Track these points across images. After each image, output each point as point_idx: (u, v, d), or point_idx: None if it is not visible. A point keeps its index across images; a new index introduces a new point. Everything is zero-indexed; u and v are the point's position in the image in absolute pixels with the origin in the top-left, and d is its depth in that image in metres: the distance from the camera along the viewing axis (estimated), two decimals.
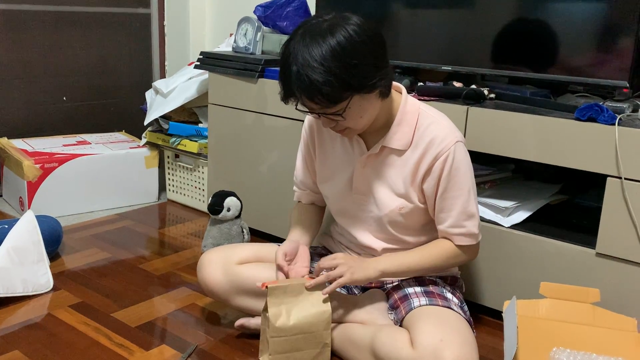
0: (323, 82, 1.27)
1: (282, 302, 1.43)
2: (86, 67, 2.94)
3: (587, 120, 1.54)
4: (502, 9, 1.81)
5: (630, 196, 1.49)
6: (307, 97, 1.31)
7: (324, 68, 1.27)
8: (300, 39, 1.30)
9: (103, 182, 2.59)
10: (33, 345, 1.58)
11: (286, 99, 1.36)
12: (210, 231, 2.12)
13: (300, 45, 1.29)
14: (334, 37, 1.28)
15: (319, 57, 1.27)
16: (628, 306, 1.51)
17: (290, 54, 1.31)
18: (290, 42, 1.33)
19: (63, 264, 2.07)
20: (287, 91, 1.34)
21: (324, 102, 1.31)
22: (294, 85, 1.30)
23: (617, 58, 1.62)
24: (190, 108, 2.65)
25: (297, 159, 1.68)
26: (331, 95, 1.29)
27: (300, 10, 2.36)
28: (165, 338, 1.65)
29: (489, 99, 1.82)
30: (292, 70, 1.30)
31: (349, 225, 1.60)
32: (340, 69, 1.28)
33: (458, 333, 1.35)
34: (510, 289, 1.71)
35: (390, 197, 1.50)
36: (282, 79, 1.34)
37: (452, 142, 1.43)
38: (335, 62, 1.27)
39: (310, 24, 1.33)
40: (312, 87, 1.28)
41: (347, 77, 1.28)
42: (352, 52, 1.29)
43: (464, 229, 1.48)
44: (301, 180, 1.68)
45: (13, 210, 2.57)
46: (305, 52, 1.28)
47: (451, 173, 1.43)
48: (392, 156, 1.48)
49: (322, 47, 1.27)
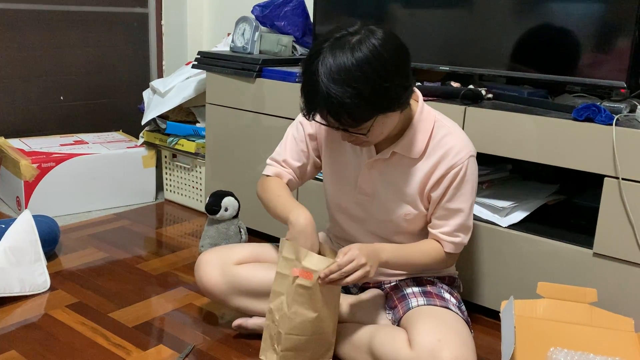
0: (352, 104, 1.25)
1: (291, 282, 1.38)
2: (83, 67, 2.94)
3: (585, 120, 1.55)
4: (500, 9, 1.81)
5: (627, 196, 1.49)
6: (332, 117, 1.29)
7: (354, 90, 1.24)
8: (329, 54, 1.26)
9: (100, 182, 2.59)
10: (30, 345, 1.57)
11: (309, 115, 1.33)
12: (208, 231, 2.12)
13: (328, 62, 1.25)
14: (364, 55, 1.25)
15: (349, 78, 1.24)
16: (625, 306, 1.51)
17: (316, 71, 1.26)
18: (315, 57, 1.28)
19: (60, 264, 2.07)
20: (311, 107, 1.31)
21: (349, 122, 1.29)
22: (321, 102, 1.27)
23: (615, 58, 1.62)
24: (187, 108, 2.65)
25: (287, 139, 1.61)
26: (358, 116, 1.28)
27: (298, 10, 2.36)
28: (162, 338, 1.65)
29: (486, 99, 1.82)
30: (319, 88, 1.26)
31: (346, 223, 1.59)
32: (371, 91, 1.25)
33: (456, 333, 1.36)
34: (507, 289, 1.71)
35: (397, 203, 1.49)
36: (307, 94, 1.31)
37: (467, 156, 1.43)
38: (366, 84, 1.25)
39: (336, 37, 1.29)
40: (340, 108, 1.26)
41: (376, 100, 1.27)
42: (383, 74, 1.26)
43: (457, 239, 1.49)
44: (284, 160, 1.60)
45: (10, 210, 2.56)
46: (334, 70, 1.25)
47: (459, 186, 1.44)
48: (402, 162, 1.47)
49: (352, 66, 1.24)
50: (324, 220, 1.73)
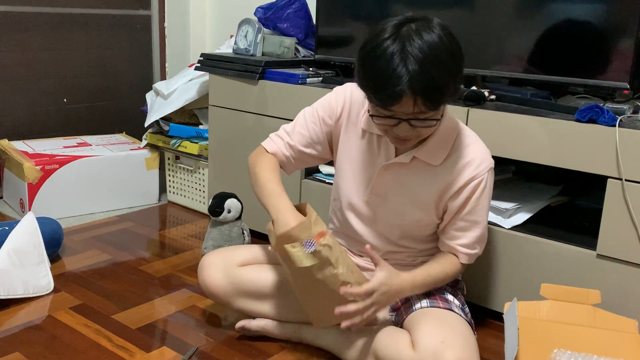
0: (442, 79, 1.22)
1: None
2: (87, 69, 2.95)
3: (588, 121, 1.54)
4: (502, 11, 1.81)
5: (630, 197, 1.49)
6: (424, 97, 1.21)
7: (442, 64, 1.22)
8: (414, 35, 1.21)
9: (103, 184, 2.59)
10: (33, 347, 1.58)
11: (393, 102, 1.23)
12: (211, 233, 2.12)
13: (410, 41, 1.21)
14: (446, 38, 1.23)
15: (435, 52, 1.21)
16: (629, 308, 1.51)
17: (394, 54, 1.21)
18: (382, 44, 1.23)
19: (63, 266, 2.07)
20: (395, 94, 1.21)
21: (436, 102, 1.24)
22: (412, 83, 1.19)
23: (618, 59, 1.62)
24: (190, 110, 2.66)
25: (299, 119, 1.57)
26: (444, 94, 1.24)
27: (300, 12, 2.36)
28: (165, 340, 1.65)
29: (489, 100, 1.82)
30: (408, 68, 1.19)
31: (356, 222, 1.57)
32: (454, 67, 1.25)
33: (459, 335, 1.35)
34: (510, 290, 1.70)
35: (409, 208, 1.48)
36: (387, 82, 1.21)
37: (487, 168, 1.43)
38: (450, 59, 1.23)
39: (403, 24, 1.25)
40: (432, 85, 1.21)
41: (456, 78, 1.26)
42: (458, 51, 1.26)
43: (474, 252, 1.49)
44: (288, 141, 1.57)
45: (14, 212, 2.57)
46: (418, 47, 1.20)
47: (479, 198, 1.43)
48: (421, 168, 1.45)
49: (442, 46, 1.22)
50: (325, 220, 1.73)
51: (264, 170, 1.52)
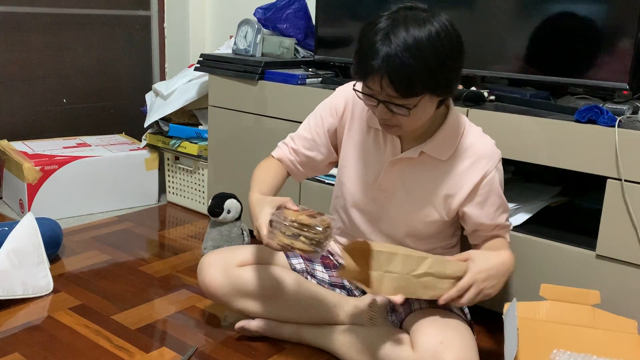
0: (414, 68, 1.23)
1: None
2: (86, 69, 2.95)
3: (587, 122, 1.54)
4: (502, 11, 1.81)
5: (630, 198, 1.49)
6: (390, 79, 1.24)
7: (421, 56, 1.23)
8: (401, 22, 1.25)
9: (103, 184, 2.59)
10: (33, 347, 1.58)
11: (364, 76, 1.29)
12: (210, 233, 2.12)
13: (400, 30, 1.24)
14: (435, 29, 1.25)
15: (419, 45, 1.23)
16: (628, 308, 1.51)
17: (380, 31, 1.25)
18: (384, 22, 1.27)
19: (63, 267, 2.07)
20: (366, 68, 1.26)
21: (403, 89, 1.25)
22: (382, 63, 1.23)
23: (617, 60, 1.62)
24: (190, 110, 2.66)
25: (304, 123, 1.61)
26: (413, 84, 1.25)
27: (300, 13, 2.36)
28: (165, 340, 1.65)
29: (489, 100, 1.82)
30: (383, 49, 1.23)
31: (360, 221, 1.56)
32: (435, 62, 1.25)
33: (458, 335, 1.35)
34: (510, 291, 1.70)
35: (416, 204, 1.48)
36: (366, 55, 1.26)
37: (497, 160, 1.46)
38: (432, 54, 1.24)
39: (402, 9, 1.29)
40: (401, 70, 1.23)
41: (435, 74, 1.26)
42: (449, 51, 1.27)
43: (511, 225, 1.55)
44: (293, 147, 1.60)
45: (13, 213, 2.57)
46: (402, 33, 1.23)
47: (496, 187, 1.46)
48: (428, 164, 1.46)
49: (421, 32, 1.23)
50: None
51: (257, 171, 1.58)
